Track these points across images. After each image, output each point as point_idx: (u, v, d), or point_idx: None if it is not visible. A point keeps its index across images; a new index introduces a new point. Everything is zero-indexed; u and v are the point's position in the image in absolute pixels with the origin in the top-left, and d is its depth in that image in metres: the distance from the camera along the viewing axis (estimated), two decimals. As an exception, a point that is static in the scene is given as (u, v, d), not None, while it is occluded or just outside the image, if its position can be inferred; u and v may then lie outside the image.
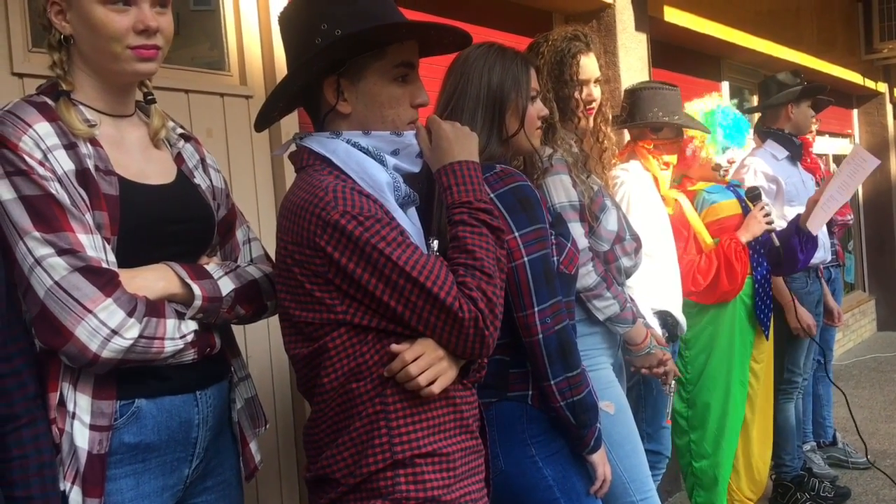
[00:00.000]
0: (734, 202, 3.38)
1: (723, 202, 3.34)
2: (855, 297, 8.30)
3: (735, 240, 3.22)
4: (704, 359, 3.30)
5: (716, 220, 3.30)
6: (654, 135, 3.09)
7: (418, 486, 1.50)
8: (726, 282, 3.20)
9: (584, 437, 1.88)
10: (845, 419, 4.38)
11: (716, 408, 3.28)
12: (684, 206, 3.25)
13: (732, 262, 3.18)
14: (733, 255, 3.19)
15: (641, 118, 3.05)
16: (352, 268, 1.45)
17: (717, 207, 3.32)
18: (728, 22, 5.38)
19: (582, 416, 1.84)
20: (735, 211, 3.36)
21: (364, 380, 1.50)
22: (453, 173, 1.59)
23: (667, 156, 3.10)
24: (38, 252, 1.35)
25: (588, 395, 1.85)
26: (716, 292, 3.23)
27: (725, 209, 3.34)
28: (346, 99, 1.59)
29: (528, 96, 1.97)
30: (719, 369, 3.29)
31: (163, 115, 1.62)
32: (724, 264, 3.19)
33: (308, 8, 1.58)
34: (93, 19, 1.43)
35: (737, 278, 3.20)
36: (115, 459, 1.43)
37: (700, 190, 3.37)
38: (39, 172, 1.37)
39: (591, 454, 1.92)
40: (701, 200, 3.33)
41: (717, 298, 3.25)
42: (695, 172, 3.40)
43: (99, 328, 1.34)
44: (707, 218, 3.30)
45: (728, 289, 3.22)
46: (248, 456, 1.70)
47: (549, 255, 1.85)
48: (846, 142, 8.40)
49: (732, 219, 3.33)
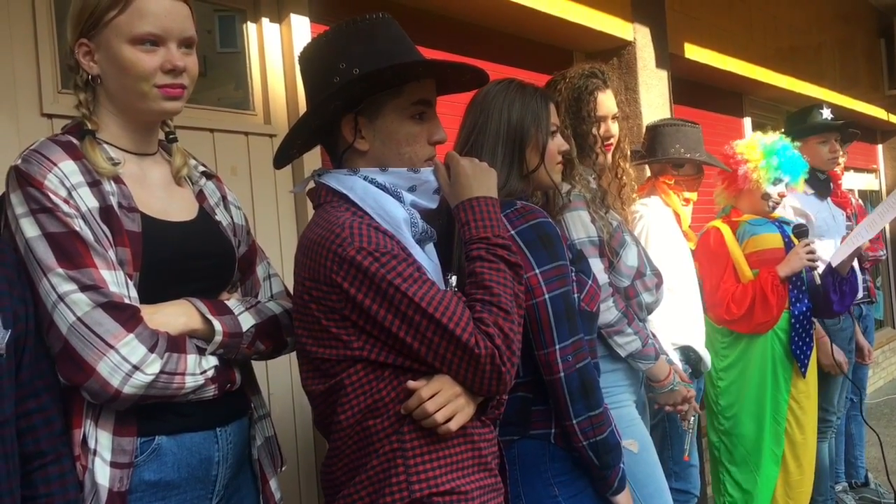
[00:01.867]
0: (777, 236, 3.36)
1: (765, 234, 3.33)
2: (885, 333, 8.15)
3: (773, 273, 3.21)
4: (737, 389, 3.28)
5: (756, 251, 3.30)
6: (675, 171, 3.09)
7: None
8: (760, 313, 3.19)
9: (607, 477, 1.84)
10: (877, 459, 4.27)
11: (748, 439, 3.24)
12: (726, 235, 3.27)
13: (767, 294, 3.17)
14: (769, 287, 3.18)
15: (663, 154, 3.05)
16: (368, 304, 1.45)
17: (758, 239, 3.32)
18: (749, 58, 5.39)
19: (605, 456, 1.80)
20: (777, 244, 3.34)
21: (381, 417, 1.49)
22: (471, 209, 1.60)
23: (687, 192, 3.10)
24: (61, 288, 1.36)
25: (611, 435, 1.82)
26: (750, 323, 3.23)
27: (767, 242, 3.33)
28: (364, 136, 1.60)
29: (548, 131, 1.98)
30: (751, 401, 3.26)
31: (184, 153, 1.64)
32: (759, 296, 3.18)
33: (327, 47, 1.60)
34: (122, 59, 1.47)
35: (771, 311, 3.19)
36: (134, 497, 1.43)
37: (743, 221, 3.37)
38: (64, 210, 1.39)
39: (615, 495, 1.87)
40: (743, 231, 3.34)
41: (752, 329, 3.25)
42: (744, 204, 3.41)
43: (121, 364, 1.35)
44: (748, 249, 3.30)
45: (763, 320, 3.21)
46: (269, 494, 1.69)
47: (570, 291, 1.84)
48: (871, 177, 8.33)
49: (774, 251, 3.31)
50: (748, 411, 3.26)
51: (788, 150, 3.35)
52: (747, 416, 3.26)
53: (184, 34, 1.50)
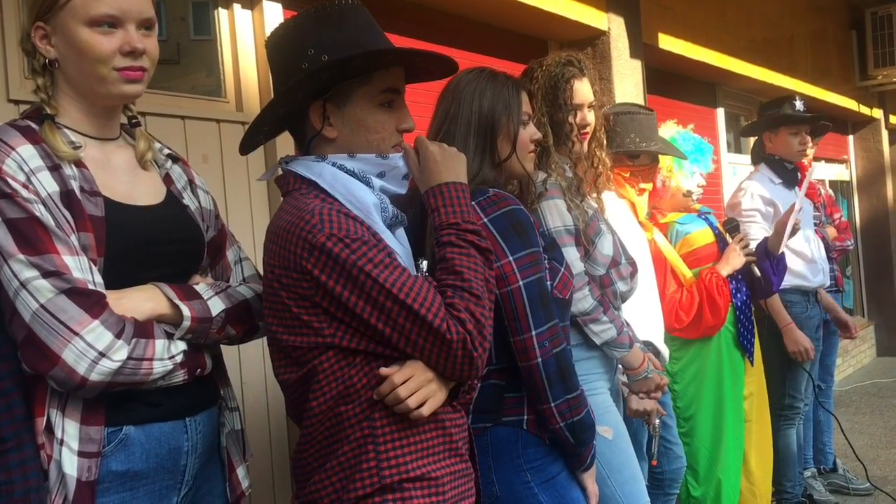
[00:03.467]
0: (707, 231, 3.35)
1: (696, 232, 3.31)
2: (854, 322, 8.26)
3: (716, 273, 3.18)
4: (694, 390, 3.25)
5: (691, 251, 3.27)
6: (630, 161, 3.00)
7: None
8: (710, 316, 3.16)
9: (581, 454, 1.87)
10: (845, 445, 4.34)
11: (705, 438, 3.23)
12: (658, 240, 3.20)
13: (714, 296, 3.14)
14: (715, 289, 3.15)
15: (619, 145, 2.93)
16: (339, 290, 1.44)
17: (690, 238, 3.28)
18: (723, 49, 5.43)
19: (581, 434, 1.83)
20: (709, 240, 3.32)
21: (352, 403, 1.48)
22: (441, 195, 1.59)
23: (643, 182, 3.04)
24: (23, 275, 1.33)
25: (587, 415, 1.85)
26: (700, 327, 3.18)
27: (699, 239, 3.30)
28: (332, 124, 1.59)
29: (518, 120, 1.97)
30: (709, 400, 3.24)
31: (148, 137, 1.62)
32: (706, 299, 3.14)
33: (295, 33, 1.59)
34: (79, 42, 1.43)
35: (720, 312, 3.17)
36: (102, 488, 1.40)
37: (672, 222, 3.32)
38: (23, 195, 1.36)
39: (585, 472, 1.91)
40: (674, 233, 3.29)
41: (702, 333, 3.21)
42: (665, 203, 3.36)
43: (86, 351, 1.33)
44: (682, 250, 3.26)
45: (712, 323, 3.18)
46: (235, 482, 1.67)
47: (545, 278, 1.84)
48: (842, 167, 8.43)
49: (707, 248, 3.30)
50: (706, 411, 3.24)
51: (689, 139, 3.26)
52: (706, 414, 3.24)
53: (142, 15, 1.47)
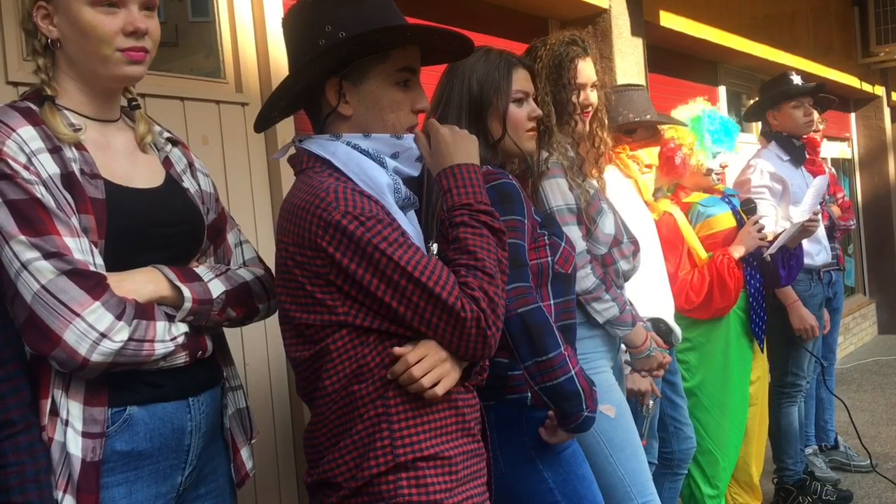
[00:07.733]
0: (729, 215, 3.33)
1: (718, 215, 3.30)
2: (855, 300, 8.29)
3: (728, 255, 3.17)
4: (701, 372, 3.25)
5: (710, 233, 3.26)
6: (628, 138, 2.98)
7: (420, 490, 1.48)
8: (719, 298, 3.15)
9: (567, 420, 1.82)
10: (847, 423, 4.35)
11: (711, 423, 3.23)
12: (679, 219, 3.19)
13: (725, 278, 3.13)
14: (726, 271, 3.13)
15: (611, 124, 2.84)
16: (353, 268, 1.44)
17: (711, 221, 3.28)
18: (724, 26, 5.38)
19: (561, 403, 1.79)
20: (730, 224, 3.31)
21: (366, 382, 1.49)
22: (453, 176, 1.59)
23: (647, 157, 3.00)
24: (24, 256, 1.33)
25: (567, 383, 1.78)
26: (710, 309, 3.18)
27: (721, 222, 3.29)
28: (348, 101, 1.59)
29: (508, 98, 1.96)
30: (715, 383, 3.24)
31: (148, 119, 1.61)
32: (716, 281, 3.13)
33: (313, 10, 1.58)
34: (81, 22, 1.42)
35: (730, 294, 3.16)
36: (107, 468, 1.41)
37: (695, 202, 3.31)
38: (24, 176, 1.35)
39: (575, 432, 1.85)
40: (696, 213, 3.28)
41: (712, 314, 3.21)
42: (688, 181, 3.34)
43: (87, 332, 1.33)
44: (701, 232, 3.25)
45: (721, 305, 3.18)
46: (240, 463, 1.68)
47: (521, 245, 1.83)
48: (844, 145, 8.40)
49: (727, 232, 3.28)
50: (711, 394, 3.24)
51: (715, 118, 3.25)
52: (711, 399, 3.24)
53: None
